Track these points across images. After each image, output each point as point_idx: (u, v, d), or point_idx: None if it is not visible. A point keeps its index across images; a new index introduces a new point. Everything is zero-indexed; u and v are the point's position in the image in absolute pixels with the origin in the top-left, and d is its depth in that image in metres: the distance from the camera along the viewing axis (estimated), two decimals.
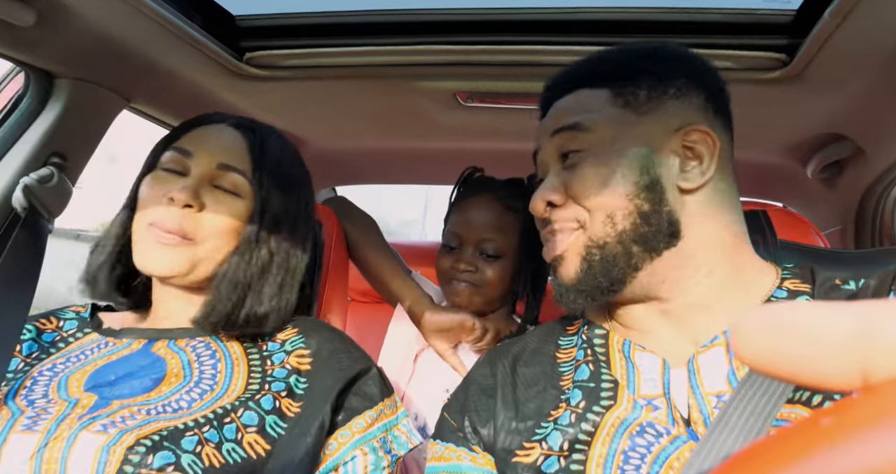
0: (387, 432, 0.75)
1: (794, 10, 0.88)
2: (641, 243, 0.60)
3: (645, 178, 0.60)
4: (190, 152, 0.75)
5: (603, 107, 0.63)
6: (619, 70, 0.65)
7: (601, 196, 0.61)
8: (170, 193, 0.72)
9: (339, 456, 0.71)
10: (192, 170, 0.75)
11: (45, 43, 0.84)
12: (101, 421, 0.64)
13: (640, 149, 0.61)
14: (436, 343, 1.08)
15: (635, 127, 0.62)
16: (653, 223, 0.60)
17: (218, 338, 0.77)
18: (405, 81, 1.08)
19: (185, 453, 0.62)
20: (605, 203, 0.60)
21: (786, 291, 0.62)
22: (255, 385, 0.72)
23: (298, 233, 0.82)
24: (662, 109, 0.62)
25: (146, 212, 0.73)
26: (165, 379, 0.71)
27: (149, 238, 0.72)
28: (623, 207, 0.60)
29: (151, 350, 0.74)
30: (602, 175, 0.61)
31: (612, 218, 0.60)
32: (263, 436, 0.67)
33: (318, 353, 0.76)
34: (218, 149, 0.76)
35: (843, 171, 1.26)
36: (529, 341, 0.72)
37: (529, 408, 0.64)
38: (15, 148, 0.91)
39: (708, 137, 0.61)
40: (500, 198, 1.08)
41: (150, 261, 0.72)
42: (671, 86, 0.63)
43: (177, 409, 0.68)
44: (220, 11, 0.96)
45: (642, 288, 0.62)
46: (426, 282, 1.19)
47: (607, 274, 0.60)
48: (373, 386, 0.76)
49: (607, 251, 0.60)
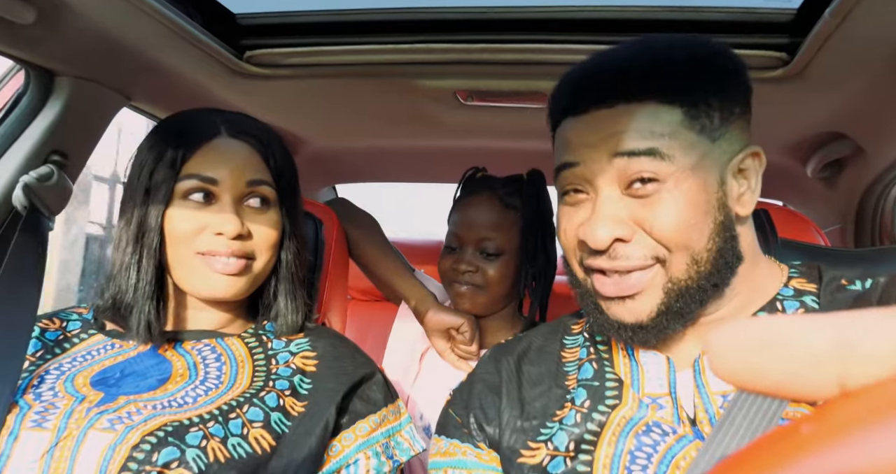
0: (389, 438, 0.76)
1: (795, 8, 0.88)
2: (718, 281, 0.57)
3: (721, 215, 0.56)
4: (216, 179, 0.73)
5: (678, 130, 0.55)
6: (692, 85, 0.56)
7: (686, 236, 0.55)
8: (215, 228, 0.71)
9: (342, 458, 0.71)
10: (223, 197, 0.73)
11: (46, 41, 0.84)
12: (107, 417, 0.65)
13: (716, 181, 0.56)
14: (437, 342, 1.08)
15: (710, 156, 0.56)
16: (728, 260, 0.57)
17: (223, 341, 0.77)
18: (406, 80, 1.08)
19: (190, 448, 0.62)
20: (690, 243, 0.55)
21: (792, 290, 0.61)
22: (259, 381, 0.72)
23: (303, 223, 0.85)
24: (730, 133, 0.57)
25: (191, 243, 0.72)
26: (171, 378, 0.72)
27: (205, 267, 0.72)
28: (707, 249, 0.55)
29: (158, 351, 0.75)
30: (686, 212, 0.55)
31: (697, 259, 0.55)
32: (269, 431, 0.68)
33: (323, 356, 0.77)
34: (239, 168, 0.74)
35: (843, 170, 1.26)
36: (535, 339, 0.71)
37: (535, 407, 0.64)
38: (15, 146, 0.91)
39: (758, 157, 0.58)
40: (499, 197, 1.07)
41: (214, 288, 0.72)
42: (737, 104, 0.58)
43: (182, 405, 0.68)
44: (220, 9, 0.96)
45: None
46: (430, 281, 1.19)
47: (680, 315, 0.57)
48: (377, 391, 0.76)
49: (688, 293, 0.56)
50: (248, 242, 0.74)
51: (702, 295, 0.56)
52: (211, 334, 0.78)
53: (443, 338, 1.08)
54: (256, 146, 0.77)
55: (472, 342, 1.05)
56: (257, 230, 0.75)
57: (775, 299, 0.60)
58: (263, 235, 0.75)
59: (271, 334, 0.80)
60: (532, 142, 1.37)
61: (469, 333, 1.05)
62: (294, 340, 0.79)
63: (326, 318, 1.01)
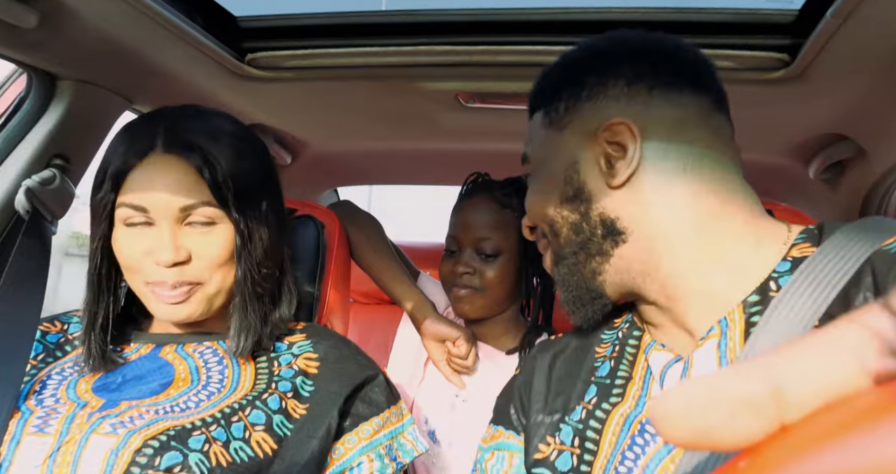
0: (393, 440, 0.75)
1: (796, 10, 0.87)
2: (583, 251, 0.62)
3: (568, 190, 0.62)
4: (144, 208, 0.69)
5: (538, 131, 0.66)
6: (543, 89, 0.66)
7: (543, 214, 0.65)
8: (151, 255, 0.69)
9: (345, 461, 0.71)
10: (160, 222, 0.69)
11: (48, 45, 0.84)
12: (109, 421, 0.64)
13: (564, 163, 0.62)
14: (433, 351, 1.08)
15: (559, 143, 0.63)
16: (584, 230, 0.61)
17: (225, 343, 0.77)
18: (407, 82, 1.08)
19: (193, 452, 0.62)
20: (546, 219, 0.64)
21: (789, 262, 0.55)
22: (262, 384, 0.72)
23: (274, 212, 0.77)
24: (578, 116, 0.62)
25: (137, 273, 0.71)
26: (173, 383, 0.71)
27: (153, 297, 0.70)
28: (557, 221, 0.63)
29: (160, 355, 0.75)
30: (539, 194, 0.65)
31: (557, 232, 0.64)
32: (271, 435, 0.67)
33: (325, 358, 0.76)
34: (169, 192, 0.68)
35: (845, 172, 1.26)
36: (574, 337, 0.72)
37: (557, 403, 0.65)
38: (17, 150, 0.91)
39: (624, 126, 0.58)
40: (495, 197, 1.08)
41: (170, 315, 0.71)
42: (583, 88, 0.62)
43: (184, 409, 0.68)
44: (221, 12, 0.96)
45: (621, 288, 0.62)
46: (436, 284, 1.19)
47: (576, 285, 0.64)
48: (379, 393, 0.76)
49: (566, 264, 0.64)
50: (188, 268, 0.70)
51: (579, 265, 0.62)
52: (213, 336, 0.77)
53: (439, 347, 1.07)
54: (194, 160, 0.69)
55: (468, 356, 1.05)
56: (200, 253, 0.70)
57: (769, 279, 0.54)
58: (207, 258, 0.70)
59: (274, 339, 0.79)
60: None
61: (465, 347, 1.04)
62: (296, 342, 0.79)
63: (328, 321, 1.01)
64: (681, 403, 0.16)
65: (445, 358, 1.07)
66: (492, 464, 0.69)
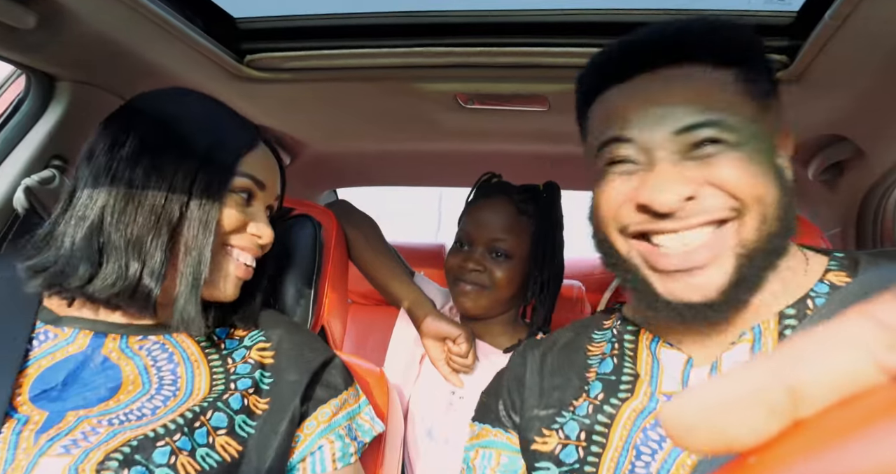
0: (351, 420, 0.76)
1: (795, 11, 0.88)
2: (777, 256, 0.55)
3: (780, 178, 0.55)
4: (264, 184, 0.74)
5: (735, 99, 0.54)
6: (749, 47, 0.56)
7: (758, 188, 0.52)
8: (253, 229, 0.73)
9: (305, 447, 0.71)
10: (256, 204, 0.74)
11: (47, 46, 0.85)
12: (60, 443, 0.58)
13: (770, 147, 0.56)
14: (431, 349, 1.08)
15: (765, 123, 0.55)
16: (790, 226, 0.55)
17: (171, 337, 0.72)
18: (406, 83, 1.09)
19: (159, 467, 0.59)
20: (763, 197, 0.52)
21: (827, 285, 0.56)
22: (219, 385, 0.69)
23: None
24: (777, 103, 0.58)
25: (228, 238, 0.72)
26: (122, 387, 0.66)
27: (232, 269, 0.72)
28: (775, 206, 0.53)
29: (102, 352, 0.68)
30: (753, 167, 0.53)
31: (767, 217, 0.53)
32: (233, 437, 0.66)
33: (279, 346, 0.75)
34: (275, 179, 0.77)
35: (843, 173, 1.26)
36: (564, 334, 0.72)
37: (553, 397, 0.65)
38: (16, 150, 0.91)
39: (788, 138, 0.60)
40: (515, 202, 1.09)
41: (229, 290, 0.72)
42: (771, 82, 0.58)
43: (140, 417, 0.64)
44: (220, 14, 0.96)
45: None
46: (430, 283, 1.19)
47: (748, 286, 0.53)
48: (336, 375, 0.76)
49: (758, 258, 0.53)
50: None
51: (767, 260, 0.54)
52: (158, 330, 0.71)
53: (438, 345, 1.07)
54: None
55: (468, 354, 1.05)
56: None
57: (807, 297, 0.56)
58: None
59: (223, 334, 0.76)
60: (532, 145, 1.37)
61: (465, 346, 1.04)
62: (246, 335, 0.76)
63: (326, 322, 1.00)
64: (695, 407, 0.16)
65: (444, 358, 1.07)
66: (478, 463, 0.69)
